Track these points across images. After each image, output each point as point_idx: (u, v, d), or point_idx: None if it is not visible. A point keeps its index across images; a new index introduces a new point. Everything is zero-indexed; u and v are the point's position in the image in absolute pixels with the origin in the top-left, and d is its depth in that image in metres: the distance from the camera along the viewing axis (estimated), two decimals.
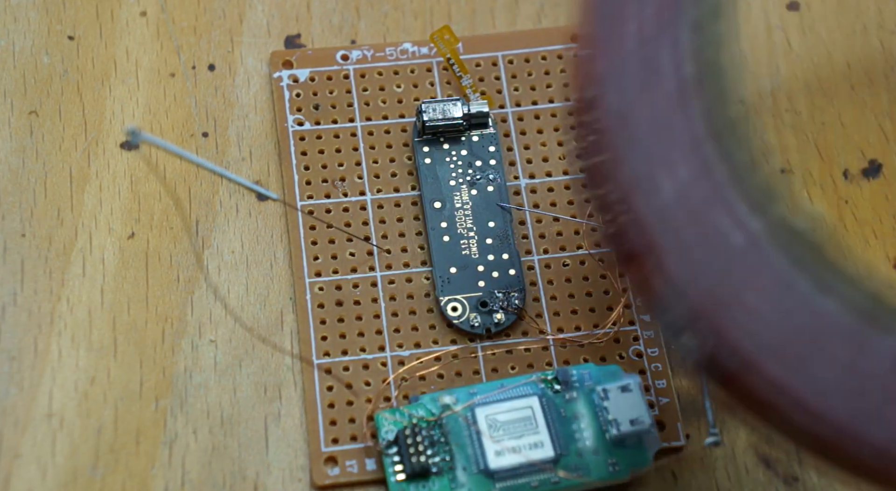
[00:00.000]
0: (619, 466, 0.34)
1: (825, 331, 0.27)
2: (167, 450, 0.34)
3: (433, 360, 0.36)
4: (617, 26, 0.29)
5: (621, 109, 0.28)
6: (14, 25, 0.40)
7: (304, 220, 0.37)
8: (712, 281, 0.27)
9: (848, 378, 0.26)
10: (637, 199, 0.28)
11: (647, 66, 0.29)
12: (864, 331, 0.27)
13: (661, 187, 0.28)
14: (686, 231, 0.27)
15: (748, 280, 0.27)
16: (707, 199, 0.28)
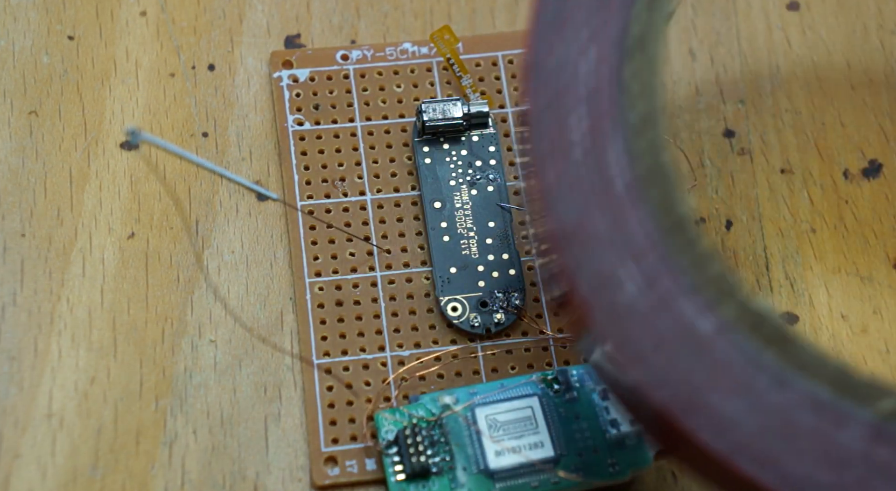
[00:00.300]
0: (619, 466, 0.34)
1: (794, 426, 0.27)
2: (167, 450, 0.34)
3: (433, 360, 0.36)
4: (560, 139, 0.30)
5: (573, 216, 0.29)
6: (14, 25, 0.40)
7: (304, 220, 0.37)
8: (679, 382, 0.27)
9: (823, 470, 0.26)
10: (599, 298, 0.28)
11: (594, 173, 0.29)
12: (833, 414, 0.27)
13: (623, 286, 0.28)
14: (651, 327, 0.28)
15: (715, 379, 0.27)
16: (669, 294, 0.28)
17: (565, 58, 0.30)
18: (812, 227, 0.38)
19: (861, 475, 0.26)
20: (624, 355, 0.27)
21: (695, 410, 0.27)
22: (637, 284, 0.28)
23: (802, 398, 0.27)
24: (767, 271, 0.37)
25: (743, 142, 0.39)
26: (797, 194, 0.38)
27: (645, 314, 0.28)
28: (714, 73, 0.40)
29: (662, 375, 0.27)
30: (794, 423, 0.27)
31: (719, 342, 0.27)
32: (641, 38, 0.29)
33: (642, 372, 0.27)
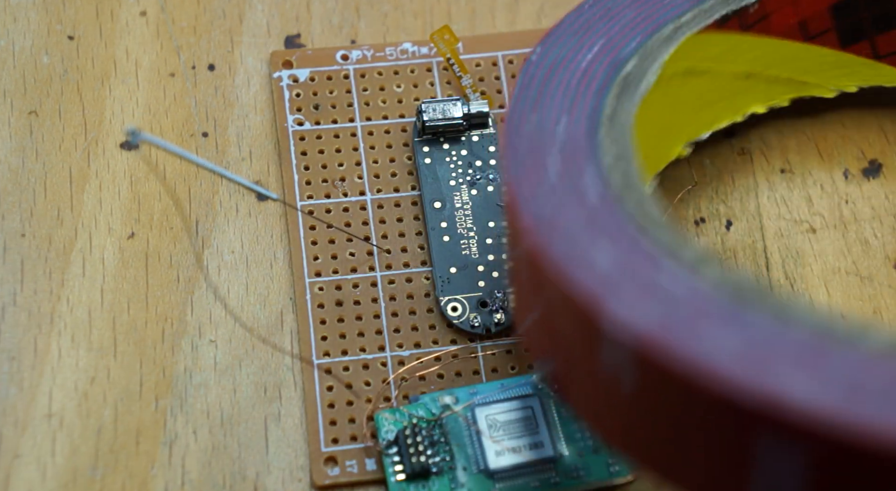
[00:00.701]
0: (619, 466, 0.34)
1: (782, 349, 0.27)
2: (167, 450, 0.34)
3: (433, 360, 0.36)
4: (535, 170, 0.31)
5: (545, 217, 0.30)
6: (14, 25, 0.40)
7: (304, 220, 0.37)
8: (659, 321, 0.28)
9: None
10: (573, 273, 0.29)
11: (568, 190, 0.30)
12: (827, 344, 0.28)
13: (595, 262, 0.29)
14: (627, 287, 0.28)
15: (697, 317, 0.28)
16: (643, 266, 0.29)
17: (541, 124, 0.32)
18: (812, 227, 0.38)
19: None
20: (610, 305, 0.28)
21: (680, 338, 0.28)
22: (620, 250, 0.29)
23: (804, 329, 0.28)
24: (767, 271, 0.37)
25: (743, 142, 0.39)
26: (797, 194, 0.38)
27: (628, 275, 0.29)
28: None
29: (643, 316, 0.28)
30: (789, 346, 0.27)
31: (705, 293, 0.28)
32: (611, 115, 0.32)
33: (627, 313, 0.28)
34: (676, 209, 0.38)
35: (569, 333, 0.30)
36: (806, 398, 0.26)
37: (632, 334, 0.27)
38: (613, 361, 0.28)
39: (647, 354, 0.27)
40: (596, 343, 0.29)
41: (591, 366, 0.29)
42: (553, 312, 0.30)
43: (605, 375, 0.29)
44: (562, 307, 0.29)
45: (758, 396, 0.26)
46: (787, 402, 0.26)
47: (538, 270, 0.30)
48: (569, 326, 0.30)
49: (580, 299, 0.28)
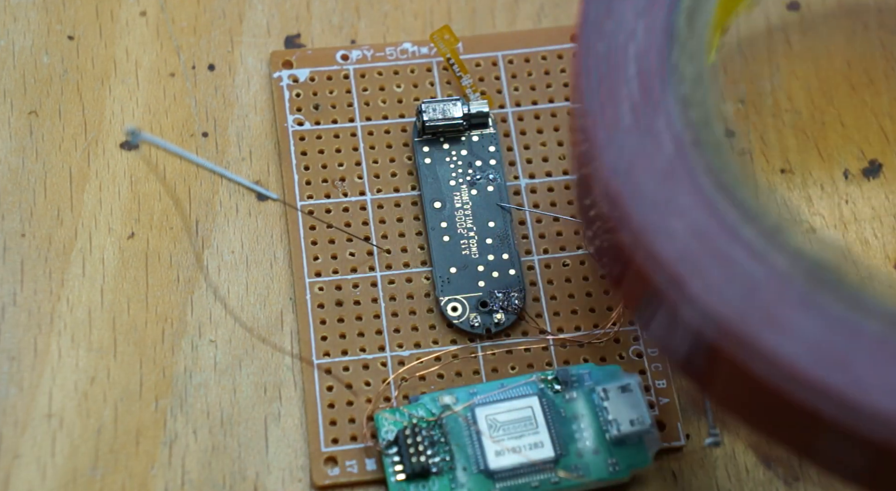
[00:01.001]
0: (619, 466, 0.34)
1: (859, 342, 0.27)
2: (167, 450, 0.34)
3: (433, 360, 0.36)
4: (610, 104, 0.30)
5: (623, 170, 0.29)
6: (14, 25, 0.40)
7: (304, 220, 0.37)
8: (739, 303, 0.27)
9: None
10: (652, 243, 0.28)
11: (645, 134, 0.30)
12: None
13: (674, 231, 0.29)
14: (707, 263, 0.28)
15: (776, 303, 0.28)
16: (721, 236, 0.29)
17: (614, 37, 0.31)
18: (812, 227, 0.38)
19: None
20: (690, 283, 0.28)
21: (760, 326, 0.27)
22: (699, 217, 0.29)
23: (877, 320, 0.28)
24: None
25: (743, 142, 0.39)
26: (797, 194, 0.38)
27: (707, 248, 0.28)
28: None
29: (724, 297, 0.28)
30: (865, 340, 0.27)
31: (783, 274, 0.28)
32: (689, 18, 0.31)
33: (708, 294, 0.28)
34: None
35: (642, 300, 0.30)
36: (886, 403, 0.26)
37: (712, 323, 0.27)
38: (689, 336, 0.28)
39: (723, 347, 0.27)
40: (674, 319, 0.28)
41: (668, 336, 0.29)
42: (626, 277, 0.30)
43: (682, 340, 0.29)
44: (639, 275, 0.29)
45: (836, 400, 0.26)
46: (868, 407, 0.26)
47: (616, 232, 0.29)
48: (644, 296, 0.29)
49: (660, 278, 0.28)
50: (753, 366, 0.27)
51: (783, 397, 0.27)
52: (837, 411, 0.26)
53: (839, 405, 0.26)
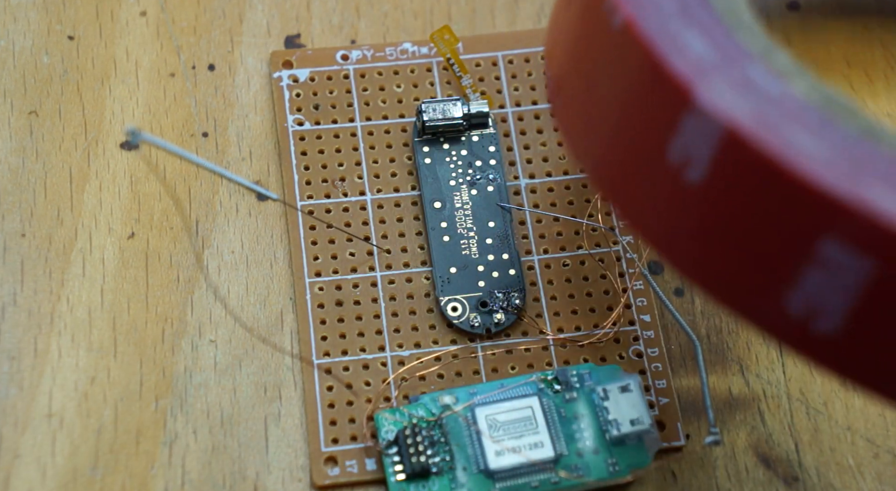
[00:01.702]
0: (619, 466, 0.34)
1: (871, 163, 0.27)
2: (167, 450, 0.34)
3: (433, 360, 0.36)
4: None
5: None
6: (14, 25, 0.40)
7: (304, 220, 0.37)
8: (751, 114, 0.27)
9: None
10: (667, 54, 0.28)
11: None
12: None
13: (691, 47, 0.28)
14: (720, 76, 0.28)
15: (791, 117, 0.27)
16: (736, 58, 0.28)
17: None
18: None
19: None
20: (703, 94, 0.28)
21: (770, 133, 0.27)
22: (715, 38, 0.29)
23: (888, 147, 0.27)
24: None
25: None
26: None
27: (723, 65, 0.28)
28: None
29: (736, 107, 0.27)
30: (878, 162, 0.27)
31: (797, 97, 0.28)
32: None
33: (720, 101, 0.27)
34: None
35: (641, 112, 0.29)
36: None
37: (724, 120, 0.27)
38: (690, 146, 0.28)
39: (736, 142, 0.27)
40: (674, 126, 0.28)
41: (656, 152, 0.29)
42: (627, 89, 0.29)
43: (670, 163, 0.28)
44: (645, 85, 0.29)
45: (847, 200, 0.25)
46: (878, 212, 0.25)
47: (627, 43, 0.29)
48: (644, 106, 0.29)
49: (673, 78, 0.28)
50: (760, 172, 0.26)
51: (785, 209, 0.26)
52: (844, 225, 0.26)
53: (850, 209, 0.26)
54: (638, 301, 0.37)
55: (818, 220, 0.26)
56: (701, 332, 0.37)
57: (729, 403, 0.36)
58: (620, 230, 0.37)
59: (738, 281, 0.28)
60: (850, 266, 0.26)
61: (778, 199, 0.27)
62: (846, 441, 0.35)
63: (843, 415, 0.36)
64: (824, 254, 0.26)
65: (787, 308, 0.27)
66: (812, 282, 0.27)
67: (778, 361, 0.36)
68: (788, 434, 0.35)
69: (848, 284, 0.26)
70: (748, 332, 0.37)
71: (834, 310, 0.27)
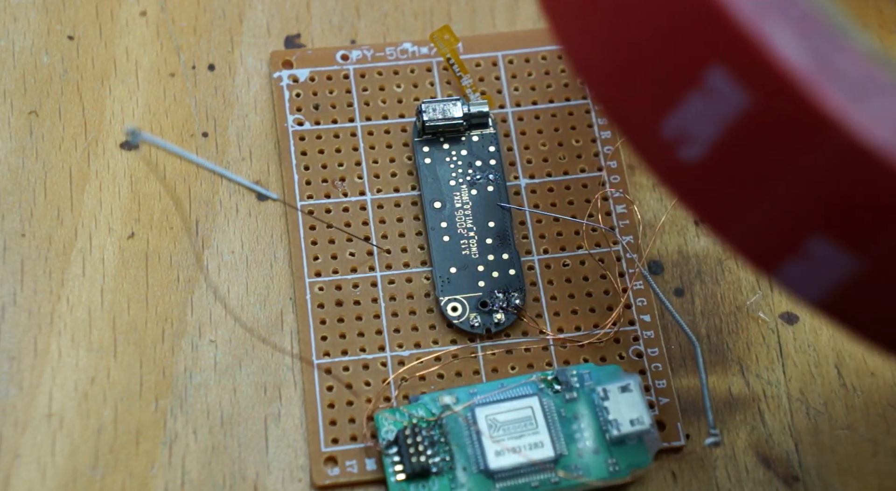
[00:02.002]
0: (619, 466, 0.34)
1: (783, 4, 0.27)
2: (167, 450, 0.34)
3: (433, 360, 0.36)
4: None
5: None
6: (14, 25, 0.40)
7: (304, 220, 0.37)
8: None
9: None
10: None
11: None
12: None
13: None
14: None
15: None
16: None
17: None
18: None
19: None
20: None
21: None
22: None
23: None
24: None
25: None
26: None
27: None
28: None
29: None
30: None
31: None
32: None
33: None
34: (676, 210, 0.38)
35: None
36: (789, 58, 0.26)
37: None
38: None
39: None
40: None
41: None
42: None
43: None
44: None
45: (744, 31, 0.26)
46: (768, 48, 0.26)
47: None
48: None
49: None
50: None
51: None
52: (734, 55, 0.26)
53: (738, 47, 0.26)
54: (638, 301, 0.37)
55: (715, 44, 0.26)
56: (701, 332, 0.37)
57: (729, 403, 0.36)
58: (620, 230, 0.37)
59: (630, 97, 0.28)
60: (729, 97, 0.26)
61: (683, 12, 0.27)
62: (846, 441, 0.35)
63: (843, 415, 0.36)
64: (709, 81, 0.27)
65: (661, 130, 0.28)
66: (691, 108, 0.27)
67: (778, 360, 0.36)
68: (788, 434, 0.35)
69: (721, 115, 0.27)
70: (748, 332, 0.37)
71: (702, 139, 0.27)
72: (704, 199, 0.28)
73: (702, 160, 0.28)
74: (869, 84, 0.26)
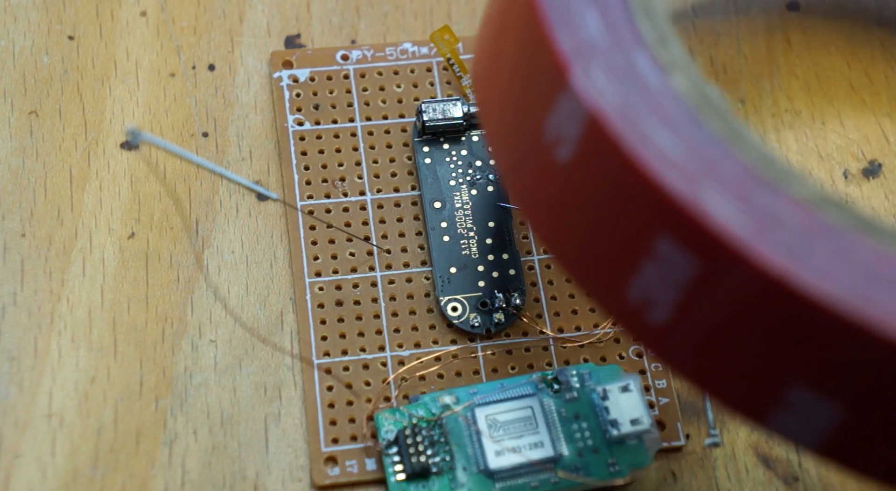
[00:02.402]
0: (619, 466, 0.34)
1: (721, 168, 0.27)
2: (167, 450, 0.34)
3: (433, 360, 0.36)
4: None
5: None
6: (14, 25, 0.40)
7: (304, 220, 0.37)
8: (624, 102, 0.28)
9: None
10: (557, 27, 0.28)
11: None
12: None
13: (585, 24, 0.29)
14: (602, 59, 0.28)
15: (658, 112, 0.28)
16: (624, 37, 0.29)
17: None
18: None
19: None
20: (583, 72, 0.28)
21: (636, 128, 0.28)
22: (598, 24, 0.29)
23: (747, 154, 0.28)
24: None
25: None
26: None
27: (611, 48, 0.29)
28: (714, 73, 0.40)
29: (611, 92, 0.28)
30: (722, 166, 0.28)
31: (673, 91, 0.28)
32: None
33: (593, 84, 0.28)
34: None
35: (527, 82, 0.29)
36: (726, 222, 0.26)
37: (589, 105, 0.27)
38: (562, 125, 0.28)
39: (597, 129, 0.27)
40: (550, 103, 0.28)
41: (536, 123, 0.29)
42: (519, 56, 0.30)
43: (546, 139, 0.29)
44: (530, 54, 0.29)
45: (682, 203, 0.26)
46: (707, 217, 0.26)
47: (524, 13, 0.29)
48: (532, 75, 0.29)
49: (555, 55, 0.28)
50: (612, 162, 0.27)
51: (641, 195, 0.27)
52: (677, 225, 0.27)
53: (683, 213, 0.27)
54: None
55: (657, 217, 0.27)
56: None
57: None
58: None
59: (596, 268, 0.29)
60: (680, 263, 0.27)
61: (625, 191, 0.27)
62: None
63: None
64: (659, 250, 0.27)
65: (628, 296, 0.28)
66: (649, 275, 0.28)
67: None
68: None
69: (677, 280, 0.27)
70: None
71: (665, 303, 0.28)
72: (682, 358, 0.29)
73: (669, 322, 0.28)
74: (813, 233, 0.27)
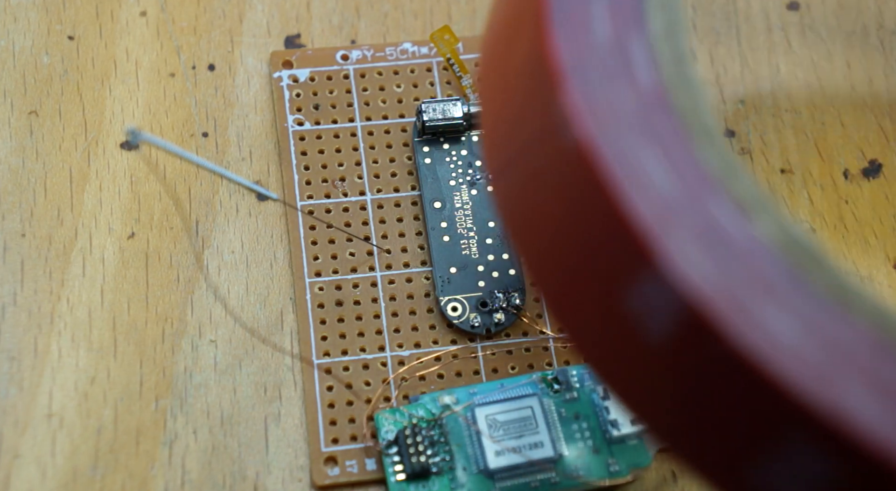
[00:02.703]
0: (619, 466, 0.34)
1: (844, 348, 0.25)
2: (167, 450, 0.34)
3: (433, 360, 0.36)
4: (580, 25, 0.27)
5: (594, 98, 0.26)
6: (14, 25, 0.40)
7: (304, 220, 0.37)
8: (718, 280, 0.24)
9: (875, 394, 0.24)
10: (627, 190, 0.25)
11: (618, 60, 0.26)
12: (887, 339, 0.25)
13: (653, 178, 0.25)
14: (685, 225, 0.25)
15: (758, 280, 0.25)
16: (700, 189, 0.25)
17: None
18: (812, 227, 0.38)
19: None
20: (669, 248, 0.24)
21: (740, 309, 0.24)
22: (679, 165, 0.25)
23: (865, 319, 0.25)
24: None
25: (743, 142, 0.39)
26: (797, 194, 0.38)
27: (689, 205, 0.25)
28: (714, 73, 0.40)
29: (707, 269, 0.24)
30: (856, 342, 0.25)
31: (763, 244, 0.25)
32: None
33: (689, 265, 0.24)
34: None
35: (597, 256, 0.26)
36: (870, 423, 0.23)
37: (689, 295, 0.24)
38: (649, 302, 0.25)
39: (700, 323, 0.24)
40: (632, 278, 0.25)
41: (610, 301, 0.26)
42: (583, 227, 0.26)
43: (628, 316, 0.25)
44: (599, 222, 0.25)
45: (816, 406, 0.24)
46: (851, 424, 0.24)
47: (583, 173, 0.25)
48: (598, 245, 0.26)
49: (635, 229, 0.24)
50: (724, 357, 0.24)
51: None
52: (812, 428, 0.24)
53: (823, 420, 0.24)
54: None
55: (785, 416, 0.24)
56: None
57: None
58: None
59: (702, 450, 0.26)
60: (813, 465, 0.25)
61: (743, 387, 0.24)
62: None
63: None
64: (787, 448, 0.25)
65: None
66: (773, 470, 0.25)
67: None
68: None
69: (808, 480, 0.25)
70: None
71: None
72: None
73: None
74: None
